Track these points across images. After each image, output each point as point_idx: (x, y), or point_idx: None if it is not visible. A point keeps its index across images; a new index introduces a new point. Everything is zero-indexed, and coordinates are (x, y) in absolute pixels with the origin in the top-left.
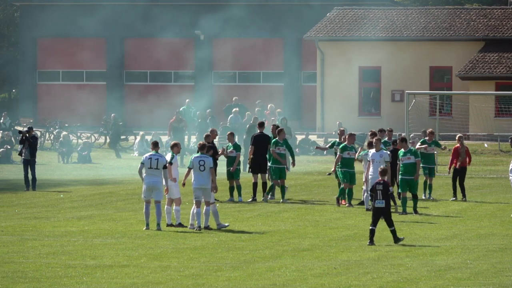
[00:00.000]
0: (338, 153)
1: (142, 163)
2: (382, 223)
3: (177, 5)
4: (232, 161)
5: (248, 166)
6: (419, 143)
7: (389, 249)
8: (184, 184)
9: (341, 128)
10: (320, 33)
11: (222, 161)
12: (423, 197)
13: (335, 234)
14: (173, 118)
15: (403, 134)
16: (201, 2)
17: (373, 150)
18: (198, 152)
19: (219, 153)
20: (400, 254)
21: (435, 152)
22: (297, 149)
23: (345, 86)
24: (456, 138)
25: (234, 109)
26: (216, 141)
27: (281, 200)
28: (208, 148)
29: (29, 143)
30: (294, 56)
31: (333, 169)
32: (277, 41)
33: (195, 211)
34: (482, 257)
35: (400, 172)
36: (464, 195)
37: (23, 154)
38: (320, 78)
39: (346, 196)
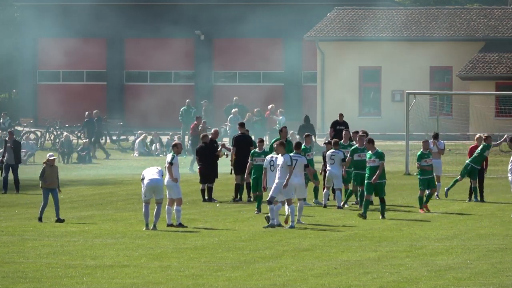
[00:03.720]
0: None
1: (143, 179)
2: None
3: (177, 5)
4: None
5: (231, 167)
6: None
7: (389, 249)
8: (264, 188)
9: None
10: (320, 33)
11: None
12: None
13: (335, 234)
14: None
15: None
16: (201, 2)
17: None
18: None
19: (218, 150)
20: (400, 254)
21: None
22: None
23: (345, 86)
24: (476, 138)
25: (233, 110)
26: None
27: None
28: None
29: (13, 148)
30: (294, 56)
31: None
32: (277, 41)
33: (268, 207)
34: (482, 257)
35: (366, 175)
36: (481, 196)
37: (5, 160)
38: (320, 78)
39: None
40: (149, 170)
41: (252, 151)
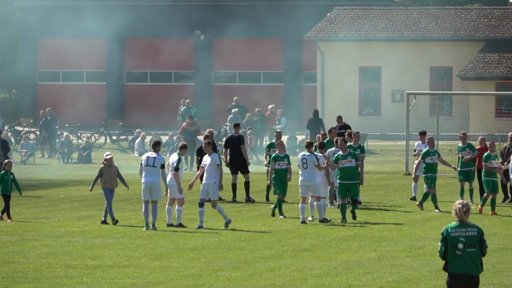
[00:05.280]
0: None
1: (141, 164)
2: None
3: (177, 5)
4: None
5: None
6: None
7: (389, 249)
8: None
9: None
10: (320, 33)
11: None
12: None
13: (335, 234)
14: (186, 121)
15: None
16: (202, 2)
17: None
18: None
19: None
20: (400, 254)
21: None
22: (297, 149)
23: (345, 86)
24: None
25: (233, 110)
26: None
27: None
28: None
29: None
30: (294, 56)
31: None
32: (277, 41)
33: (300, 206)
34: None
35: (339, 176)
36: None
37: None
38: (320, 78)
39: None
40: (146, 156)
41: (274, 154)
